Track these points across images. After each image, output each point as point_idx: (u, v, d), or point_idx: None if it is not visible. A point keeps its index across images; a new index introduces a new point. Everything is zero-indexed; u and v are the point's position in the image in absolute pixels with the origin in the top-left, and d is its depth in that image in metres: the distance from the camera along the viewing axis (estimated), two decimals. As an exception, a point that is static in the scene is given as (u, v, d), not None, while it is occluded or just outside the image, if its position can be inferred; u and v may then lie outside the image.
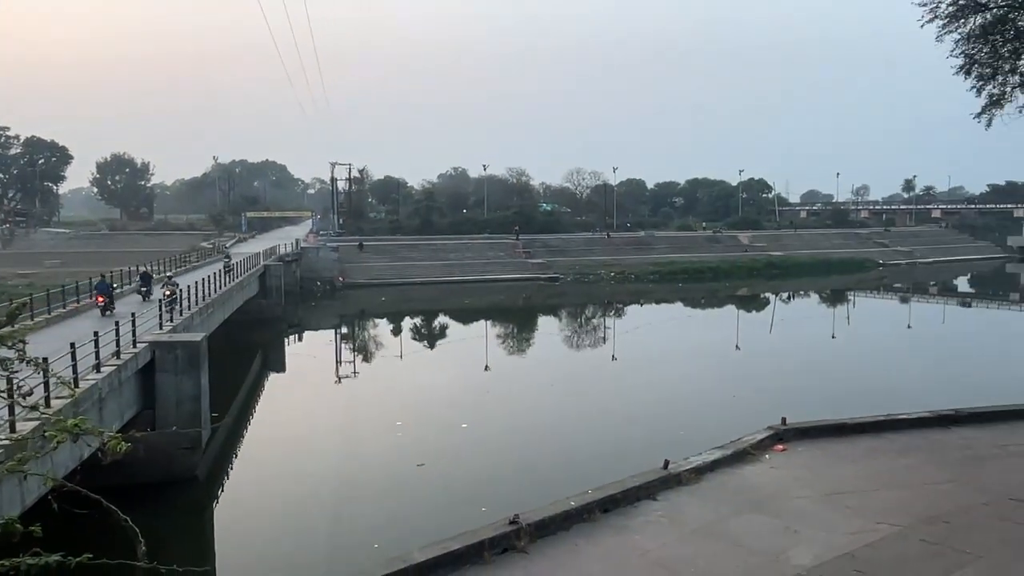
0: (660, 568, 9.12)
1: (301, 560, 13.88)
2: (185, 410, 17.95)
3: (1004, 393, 18.82)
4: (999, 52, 16.08)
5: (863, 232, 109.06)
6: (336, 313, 54.42)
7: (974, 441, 14.22)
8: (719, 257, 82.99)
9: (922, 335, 45.29)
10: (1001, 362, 34.68)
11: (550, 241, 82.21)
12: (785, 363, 34.86)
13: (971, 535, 8.53)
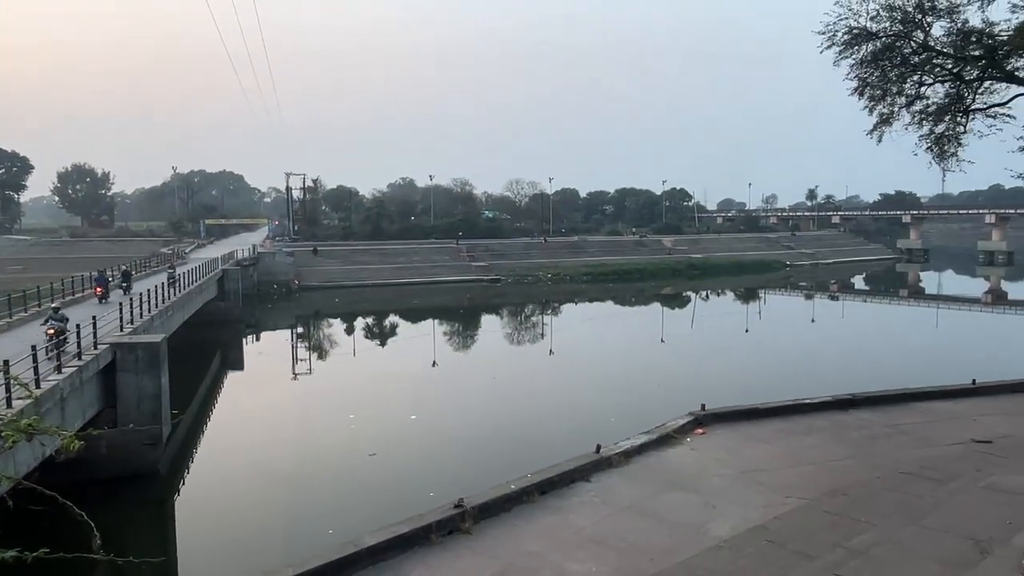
0: (593, 543, 9.17)
1: (259, 547, 13.61)
2: (146, 408, 17.42)
3: (894, 379, 19.41)
4: (888, 76, 16.60)
5: (772, 236, 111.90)
6: (292, 314, 53.41)
7: (869, 422, 14.59)
8: (645, 259, 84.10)
9: (824, 328, 46.69)
10: (892, 351, 36.00)
11: (492, 245, 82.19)
12: (704, 355, 35.61)
13: (867, 505, 8.78)
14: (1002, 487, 7.55)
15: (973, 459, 10.49)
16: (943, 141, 16.58)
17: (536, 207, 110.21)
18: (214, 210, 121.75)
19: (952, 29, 15.84)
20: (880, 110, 16.82)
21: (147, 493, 16.72)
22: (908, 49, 16.26)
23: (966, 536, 6.28)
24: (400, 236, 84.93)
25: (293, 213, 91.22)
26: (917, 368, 25.52)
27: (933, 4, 15.76)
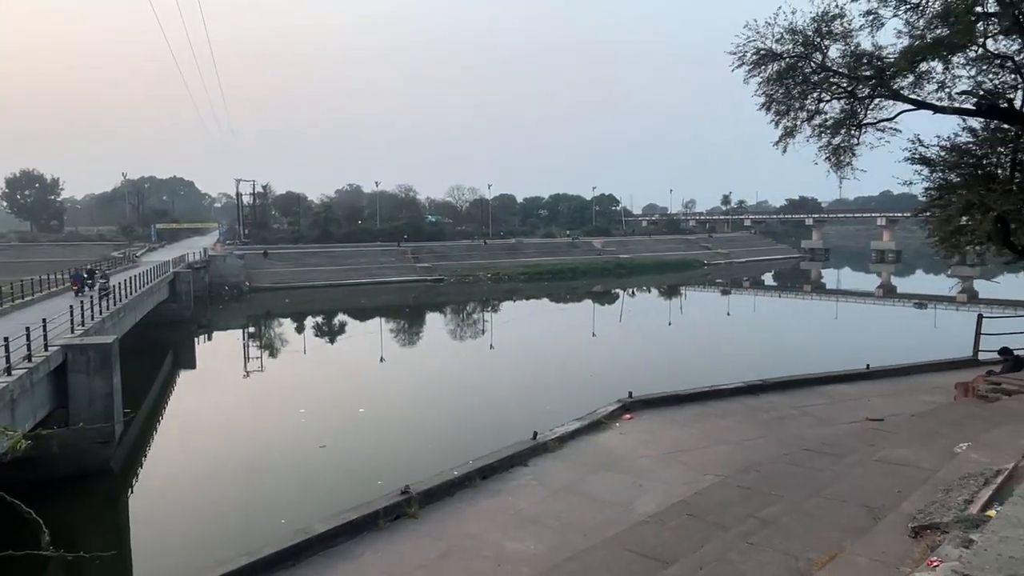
0: (530, 522, 9.23)
1: (213, 539, 13.19)
2: (98, 407, 16.71)
3: (799, 366, 20.09)
4: (791, 93, 16.95)
5: (691, 238, 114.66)
6: (243, 314, 52.01)
7: (777, 405, 15.05)
8: (577, 260, 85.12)
9: (737, 321, 48.03)
10: (797, 341, 37.33)
11: (435, 248, 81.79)
12: (631, 347, 36.15)
13: (776, 480, 9.06)
14: (891, 460, 7.91)
15: (867, 436, 10.93)
16: (839, 152, 17.05)
17: (476, 211, 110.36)
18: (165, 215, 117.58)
19: (846, 52, 16.38)
20: (785, 124, 17.13)
21: (100, 491, 16.02)
22: (808, 69, 16.68)
23: (861, 504, 6.54)
24: (347, 239, 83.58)
25: (244, 218, 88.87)
26: (819, 355, 26.48)
27: (830, 29, 16.29)
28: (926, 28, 15.19)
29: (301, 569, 8.16)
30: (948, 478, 6.22)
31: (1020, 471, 5.40)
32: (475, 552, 8.47)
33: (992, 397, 12.41)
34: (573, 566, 7.28)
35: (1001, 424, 8.79)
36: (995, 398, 12.25)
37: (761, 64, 16.94)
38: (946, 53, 14.92)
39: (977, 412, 11.07)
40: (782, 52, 16.74)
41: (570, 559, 7.54)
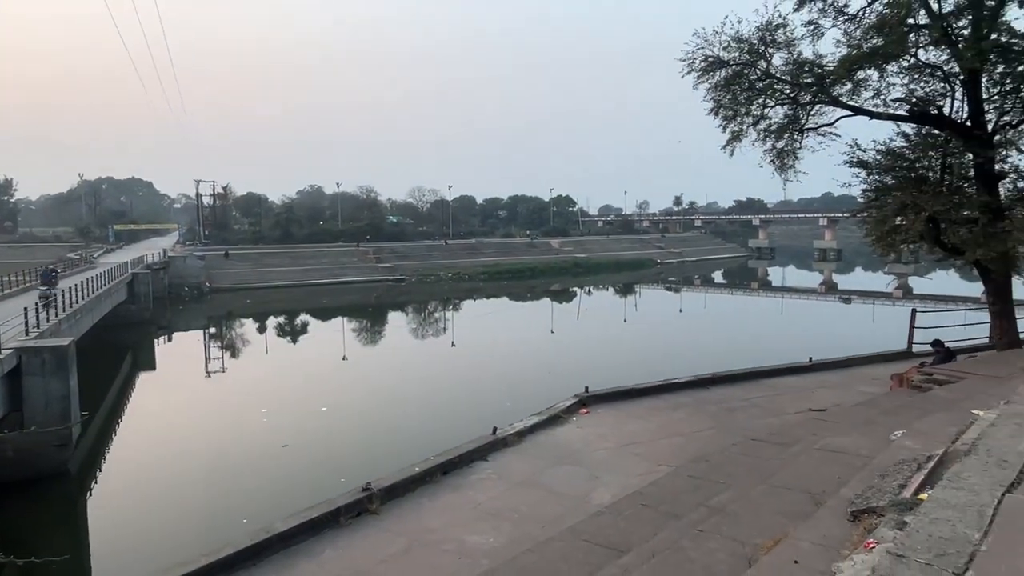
0: (490, 516, 9.21)
1: (174, 540, 12.81)
2: (54, 410, 16.15)
3: (747, 359, 20.43)
4: (737, 99, 17.17)
5: (645, 238, 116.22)
6: (204, 315, 50.80)
7: (727, 397, 15.26)
8: (536, 259, 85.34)
9: (689, 317, 48.82)
10: (745, 335, 38.01)
11: (396, 248, 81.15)
12: (588, 343, 36.40)
13: (725, 468, 9.19)
14: (832, 448, 8.10)
15: (810, 425, 11.15)
16: (783, 155, 17.35)
17: (437, 212, 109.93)
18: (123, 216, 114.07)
19: (789, 60, 16.68)
20: (732, 128, 17.36)
21: (57, 494, 15.48)
22: (754, 76, 16.94)
23: (804, 491, 6.69)
24: (309, 240, 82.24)
25: (204, 218, 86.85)
26: (765, 349, 26.93)
27: (773, 38, 16.60)
28: (863, 38, 15.62)
29: (261, 568, 8.00)
30: (884, 464, 6.38)
31: (949, 456, 5.59)
32: (436, 546, 8.42)
33: (925, 387, 12.78)
34: (531, 557, 7.29)
35: (932, 412, 9.06)
36: (927, 388, 12.62)
37: (709, 71, 17.17)
38: (881, 62, 15.37)
39: (911, 401, 11.38)
40: (729, 59, 16.99)
41: (529, 551, 7.54)
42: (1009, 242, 14.53)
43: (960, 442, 5.90)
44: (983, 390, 10.19)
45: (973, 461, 4.71)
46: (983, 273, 16.22)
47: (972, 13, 14.61)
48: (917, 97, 16.02)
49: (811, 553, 4.75)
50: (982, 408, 7.34)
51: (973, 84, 15.21)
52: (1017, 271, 16.80)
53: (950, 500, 4.02)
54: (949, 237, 15.90)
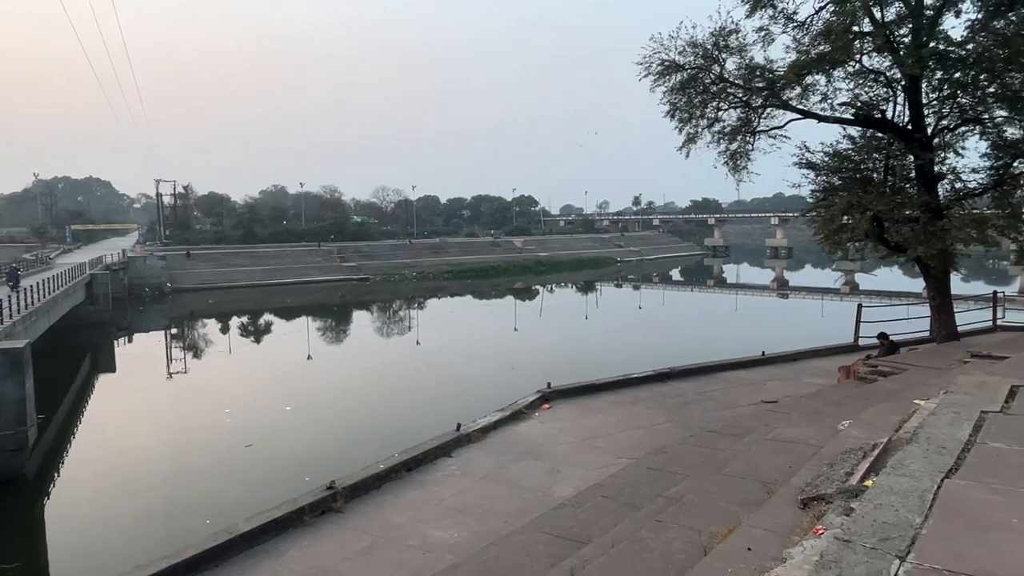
0: (454, 511, 9.16)
1: (135, 543, 12.42)
2: (9, 414, 15.48)
3: (703, 354, 20.59)
4: (692, 102, 17.33)
5: (605, 236, 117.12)
6: (165, 315, 49.47)
7: (683, 391, 15.44)
8: (499, 258, 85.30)
9: (648, 313, 49.35)
10: (701, 330, 38.61)
11: (360, 247, 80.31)
12: (551, 340, 36.49)
13: (682, 460, 9.28)
14: (783, 438, 8.24)
15: (762, 417, 11.31)
16: (736, 157, 17.57)
17: (401, 212, 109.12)
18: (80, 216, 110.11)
19: (742, 64, 16.93)
20: (687, 130, 17.53)
21: (13, 500, 14.89)
22: (708, 80, 17.13)
23: (757, 480, 6.78)
24: (272, 240, 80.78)
25: (164, 218, 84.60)
26: (720, 344, 27.34)
27: (727, 43, 16.83)
28: (811, 44, 15.92)
29: (224, 569, 7.82)
30: (832, 453, 6.50)
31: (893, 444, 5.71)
32: (400, 542, 8.34)
33: (870, 379, 13.07)
34: (494, 551, 7.26)
35: (877, 403, 9.26)
36: (872, 379, 12.92)
37: (665, 74, 17.31)
38: (828, 67, 15.68)
39: (857, 392, 11.60)
40: (684, 64, 17.15)
41: (492, 544, 7.51)
42: (947, 240, 14.99)
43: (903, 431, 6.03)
44: (924, 381, 10.47)
45: (915, 449, 4.82)
46: (924, 269, 16.67)
47: (912, 22, 15.02)
48: (862, 101, 16.40)
49: (763, 540, 4.81)
50: (923, 398, 7.50)
51: (914, 89, 15.63)
52: (955, 267, 17.36)
53: (893, 486, 4.11)
54: (892, 235, 16.26)
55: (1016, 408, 5.80)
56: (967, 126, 15.86)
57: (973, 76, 14.57)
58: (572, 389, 15.34)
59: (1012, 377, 6.95)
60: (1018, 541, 3.37)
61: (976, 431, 5.13)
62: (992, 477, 4.20)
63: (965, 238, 15.18)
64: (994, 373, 7.49)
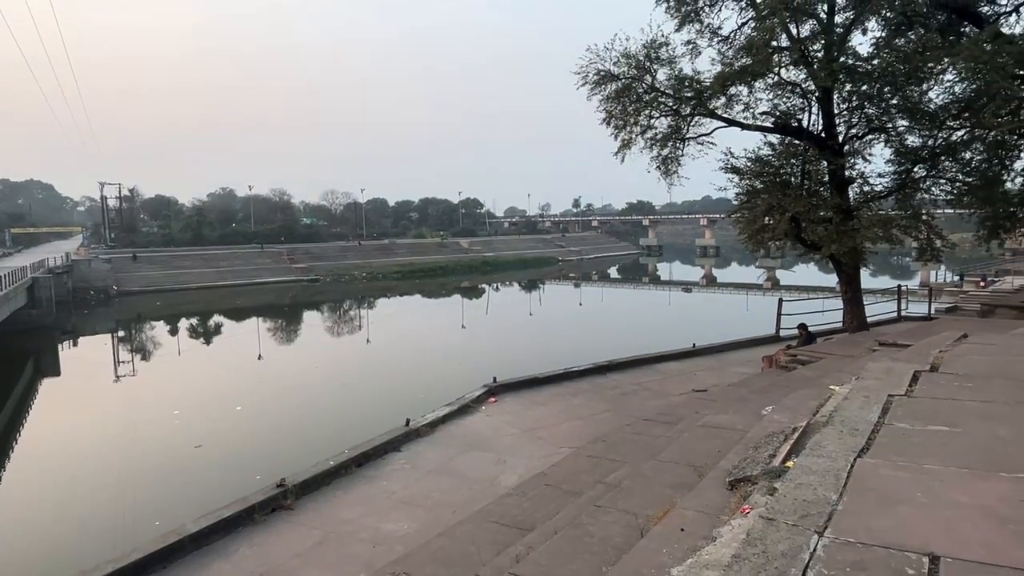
0: (404, 504, 9.02)
1: (80, 549, 11.78)
2: (-57, 421, 14.52)
3: (639, 347, 20.83)
4: (627, 110, 17.46)
5: (548, 237, 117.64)
6: (112, 318, 47.16)
7: (620, 382, 15.57)
8: (447, 258, 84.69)
9: (587, 310, 49.79)
10: (637, 324, 39.23)
11: (310, 249, 78.38)
12: (497, 336, 36.50)
13: (620, 448, 9.36)
14: (713, 424, 8.40)
15: (693, 405, 11.49)
16: (667, 162, 17.78)
17: (350, 214, 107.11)
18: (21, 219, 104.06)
19: (672, 75, 17.17)
20: (622, 136, 17.68)
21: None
22: (641, 89, 17.30)
23: (689, 464, 6.88)
24: (222, 242, 78.12)
25: (110, 221, 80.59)
26: (654, 337, 27.74)
27: (658, 55, 17.08)
28: (734, 58, 16.32)
29: (172, 571, 7.48)
30: (757, 437, 6.62)
31: (811, 427, 5.86)
32: (351, 536, 8.15)
33: (790, 367, 13.47)
34: (443, 541, 7.17)
35: (797, 389, 9.50)
36: (792, 368, 13.32)
37: (601, 84, 17.43)
38: (750, 79, 16.04)
39: (779, 380, 11.87)
40: (619, 74, 17.28)
41: (440, 535, 7.42)
42: (857, 238, 15.62)
43: (820, 414, 6.18)
44: (838, 368, 10.83)
45: (830, 431, 4.94)
46: (836, 265, 17.32)
47: (824, 38, 15.57)
48: (780, 111, 16.89)
49: (695, 521, 4.88)
50: (837, 384, 7.69)
51: (826, 100, 16.21)
52: (864, 263, 18.09)
53: (812, 467, 4.20)
54: (808, 234, 16.81)
55: (919, 392, 6.03)
56: (873, 134, 16.51)
57: (878, 89, 15.14)
58: (517, 383, 15.31)
59: (915, 363, 7.23)
60: (921, 513, 3.50)
61: (884, 413, 5.29)
62: (899, 455, 4.35)
63: (872, 237, 15.81)
64: (899, 360, 7.78)
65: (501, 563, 5.75)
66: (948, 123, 15.49)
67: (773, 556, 3.13)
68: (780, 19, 15.10)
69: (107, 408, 22.93)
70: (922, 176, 16.48)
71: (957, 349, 8.37)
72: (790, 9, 15.03)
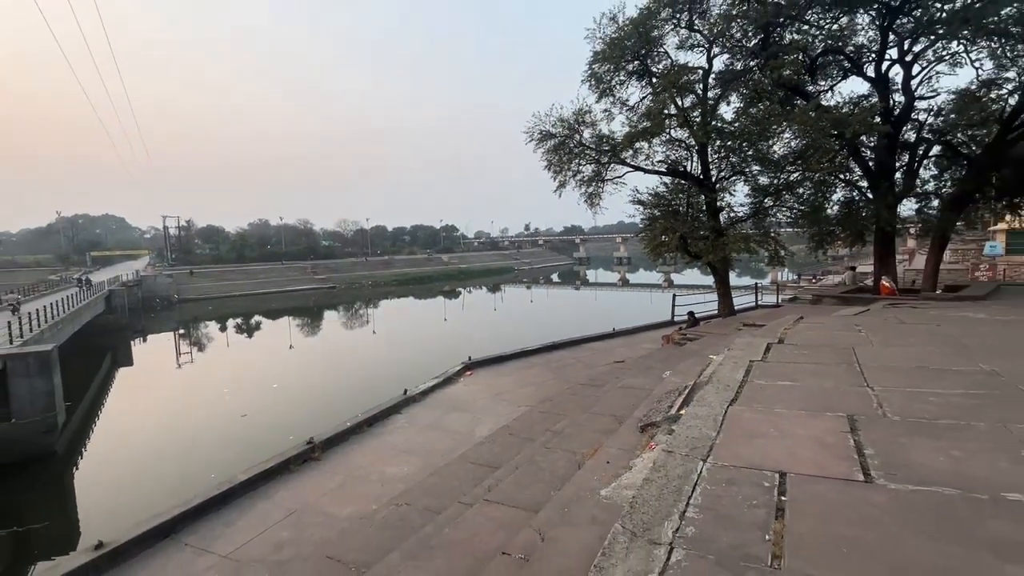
0: (404, 453, 8.90)
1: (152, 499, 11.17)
2: (39, 403, 13.72)
3: (575, 330, 20.87)
4: (562, 159, 17.56)
5: (506, 252, 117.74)
6: (174, 320, 45.12)
7: (563, 357, 15.66)
8: (432, 269, 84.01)
9: (538, 304, 50.00)
10: (574, 314, 39.54)
11: (329, 264, 76.65)
12: (471, 326, 36.30)
13: (562, 405, 9.43)
14: (628, 385, 8.53)
15: (614, 372, 11.64)
16: (592, 197, 17.84)
17: (359, 237, 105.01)
18: (98, 244, 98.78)
19: (594, 134, 17.36)
20: (559, 178, 17.77)
21: (46, 473, 13.15)
22: (572, 144, 17.44)
23: (611, 415, 6.96)
24: (260, 260, 75.74)
25: (171, 245, 77.34)
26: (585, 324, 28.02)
27: (583, 119, 17.26)
28: (638, 121, 16.60)
29: (227, 510, 7.23)
30: (659, 394, 6.77)
31: (698, 386, 6.00)
32: (364, 478, 8.01)
33: (682, 343, 13.73)
34: (434, 479, 7.12)
35: (687, 359, 9.73)
36: (684, 343, 13.58)
37: (543, 140, 17.53)
38: (649, 137, 16.29)
39: (674, 353, 12.12)
40: (556, 133, 17.42)
41: (432, 474, 7.36)
42: (726, 250, 16.08)
43: (703, 376, 6.35)
44: (715, 343, 11.12)
45: (710, 388, 5.09)
46: (712, 269, 17.78)
47: (700, 107, 16.01)
48: (671, 159, 17.29)
49: (617, 456, 4.97)
50: (715, 354, 7.91)
51: (703, 152, 16.65)
52: (732, 267, 18.61)
53: (698, 413, 4.33)
54: (692, 247, 17.12)
55: (771, 358, 6.25)
56: (736, 176, 17.03)
57: (739, 144, 15.61)
58: (487, 360, 15.26)
59: (768, 337, 7.49)
60: (773, 443, 3.65)
61: (747, 374, 5.47)
62: (758, 403, 4.51)
63: (737, 249, 16.28)
64: (757, 336, 8.04)
65: (477, 492, 5.75)
66: (787, 168, 16.07)
67: (672, 478, 3.23)
68: (669, 94, 15.48)
69: (171, 389, 21.99)
70: (770, 205, 17.03)
71: (797, 327, 8.71)
72: (676, 87, 15.42)
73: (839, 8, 14.58)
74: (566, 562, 3.15)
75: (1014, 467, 3.12)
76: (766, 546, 2.48)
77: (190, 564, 6.09)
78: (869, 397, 4.49)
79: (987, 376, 4.97)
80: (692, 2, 15.67)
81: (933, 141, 15.85)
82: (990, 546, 2.40)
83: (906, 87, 15.19)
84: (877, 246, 16.33)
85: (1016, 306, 10.90)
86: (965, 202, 15.49)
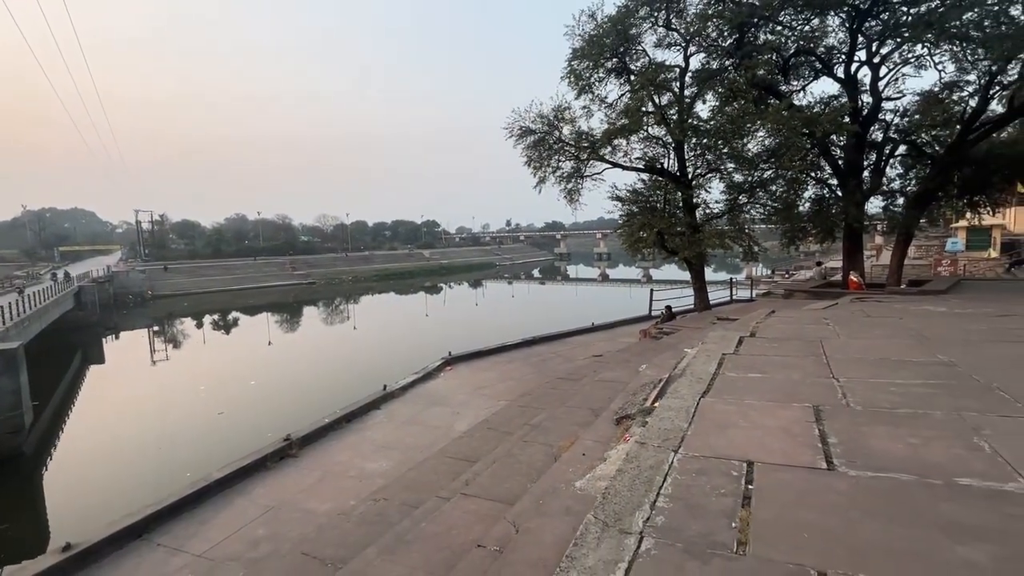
0: (383, 448, 8.85)
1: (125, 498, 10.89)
2: (5, 403, 13.23)
3: (554, 325, 20.91)
4: (542, 155, 17.49)
5: (488, 248, 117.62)
6: (147, 316, 43.88)
7: (542, 352, 15.73)
8: (414, 264, 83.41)
9: (519, 300, 50.08)
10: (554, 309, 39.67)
11: (308, 259, 75.39)
12: (452, 320, 36.17)
13: (541, 399, 9.43)
14: (606, 379, 8.60)
15: (592, 366, 11.72)
16: (571, 193, 17.81)
17: (339, 232, 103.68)
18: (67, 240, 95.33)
19: (573, 131, 17.33)
20: (539, 175, 17.67)
21: (14, 474, 12.71)
22: (551, 140, 17.39)
23: (589, 408, 7.00)
24: (237, 255, 74.04)
25: (144, 240, 75.10)
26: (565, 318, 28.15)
27: (563, 116, 17.24)
28: (616, 118, 16.62)
29: (202, 508, 7.09)
30: (635, 386, 6.84)
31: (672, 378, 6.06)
32: (343, 474, 7.94)
33: (659, 337, 13.87)
34: (413, 474, 7.09)
35: (663, 352, 9.85)
36: (660, 337, 13.70)
37: (523, 136, 17.44)
38: (627, 134, 16.34)
39: (651, 346, 12.22)
40: (535, 129, 17.34)
41: (410, 469, 7.33)
42: (702, 246, 16.29)
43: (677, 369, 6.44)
44: (690, 337, 11.27)
45: (684, 380, 5.17)
46: (689, 265, 17.98)
47: (677, 106, 16.13)
48: (649, 157, 17.36)
49: (593, 447, 5.01)
50: (689, 347, 8.02)
51: (680, 150, 16.78)
52: (707, 263, 18.86)
53: (671, 406, 4.39)
54: (669, 243, 17.25)
55: (742, 351, 6.37)
56: (712, 173, 17.21)
57: (714, 142, 15.76)
58: (467, 355, 15.21)
59: (740, 331, 7.63)
60: (743, 433, 3.72)
61: (719, 366, 5.57)
62: (729, 395, 4.60)
63: (712, 244, 16.49)
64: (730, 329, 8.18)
65: (455, 486, 5.74)
66: (761, 166, 16.33)
67: (644, 468, 3.27)
68: (647, 92, 15.55)
69: (145, 387, 21.40)
70: (745, 202, 17.29)
71: (768, 321, 8.89)
72: (654, 85, 15.51)
73: (811, 10, 14.84)
74: (540, 553, 3.17)
75: (967, 453, 3.24)
76: (732, 533, 2.53)
77: (163, 564, 5.95)
78: (835, 388, 4.61)
79: (944, 367, 5.15)
80: (669, 1, 15.76)
81: (899, 141, 16.30)
82: (943, 528, 2.49)
83: (874, 88, 15.57)
84: (846, 242, 16.74)
85: (974, 300, 11.33)
86: (928, 200, 15.98)
